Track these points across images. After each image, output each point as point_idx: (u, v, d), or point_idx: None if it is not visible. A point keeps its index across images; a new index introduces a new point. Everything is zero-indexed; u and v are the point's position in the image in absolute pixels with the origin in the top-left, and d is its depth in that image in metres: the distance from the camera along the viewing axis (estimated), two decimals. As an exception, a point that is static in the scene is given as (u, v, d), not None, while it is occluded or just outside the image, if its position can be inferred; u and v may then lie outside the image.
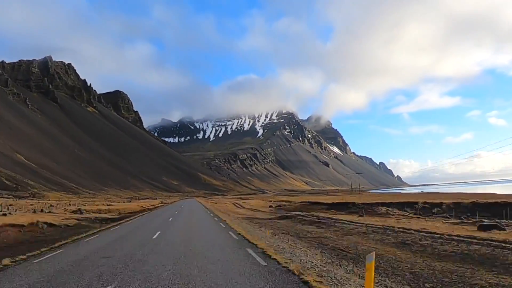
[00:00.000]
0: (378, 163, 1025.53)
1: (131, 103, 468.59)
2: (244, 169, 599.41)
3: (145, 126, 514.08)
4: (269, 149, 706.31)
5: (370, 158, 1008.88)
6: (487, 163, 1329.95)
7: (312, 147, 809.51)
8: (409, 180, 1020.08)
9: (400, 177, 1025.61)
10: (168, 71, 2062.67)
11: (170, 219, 36.94)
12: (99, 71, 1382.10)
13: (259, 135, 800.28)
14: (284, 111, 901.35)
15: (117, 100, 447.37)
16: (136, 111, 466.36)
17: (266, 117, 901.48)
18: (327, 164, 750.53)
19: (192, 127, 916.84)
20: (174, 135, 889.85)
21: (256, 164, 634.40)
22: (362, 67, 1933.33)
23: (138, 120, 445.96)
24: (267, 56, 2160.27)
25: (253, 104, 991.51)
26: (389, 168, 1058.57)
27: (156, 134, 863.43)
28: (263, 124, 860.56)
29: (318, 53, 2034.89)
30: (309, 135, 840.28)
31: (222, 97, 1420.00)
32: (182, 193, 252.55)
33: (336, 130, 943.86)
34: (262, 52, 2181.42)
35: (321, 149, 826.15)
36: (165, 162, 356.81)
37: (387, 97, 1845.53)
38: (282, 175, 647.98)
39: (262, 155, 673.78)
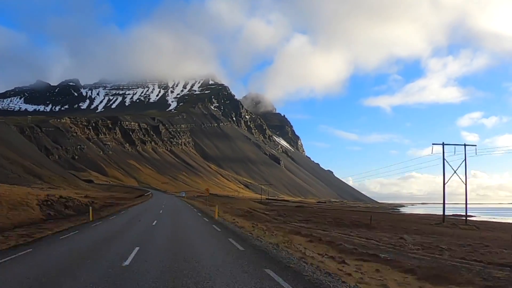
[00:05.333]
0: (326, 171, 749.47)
1: None
2: (127, 145, 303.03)
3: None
4: (183, 125, 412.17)
5: (317, 164, 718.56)
6: (416, 185, 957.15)
7: (252, 134, 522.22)
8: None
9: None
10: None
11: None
12: None
13: (170, 108, 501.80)
14: (211, 82, 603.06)
15: None
16: None
17: (185, 87, 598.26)
18: (277, 161, 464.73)
19: (76, 94, 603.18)
20: (48, 102, 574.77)
21: (155, 142, 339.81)
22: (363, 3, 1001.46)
23: None
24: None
25: (168, 65, 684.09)
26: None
27: (22, 99, 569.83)
28: (178, 96, 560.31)
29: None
30: (247, 116, 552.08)
31: (126, 51, 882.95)
32: None
33: (284, 116, 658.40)
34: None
35: (265, 138, 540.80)
36: None
37: (380, 71, 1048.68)
38: (204, 167, 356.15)
39: (170, 132, 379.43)
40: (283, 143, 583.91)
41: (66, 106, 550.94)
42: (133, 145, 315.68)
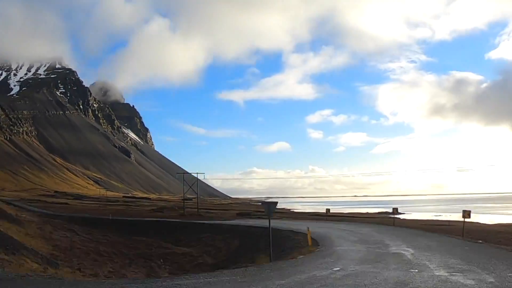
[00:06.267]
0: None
1: None
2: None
3: None
4: (25, 112, 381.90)
5: (167, 158, 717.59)
6: (257, 179, 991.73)
7: (100, 124, 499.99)
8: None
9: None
10: None
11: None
12: None
13: (12, 92, 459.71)
14: (59, 66, 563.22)
15: None
16: None
17: (29, 70, 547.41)
18: (127, 154, 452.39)
19: None
20: None
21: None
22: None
23: None
24: None
25: (13, 43, 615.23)
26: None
27: None
28: (22, 79, 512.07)
29: None
30: (95, 105, 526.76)
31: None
32: None
33: (133, 107, 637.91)
34: None
35: (114, 129, 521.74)
36: None
37: (239, 63, 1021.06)
38: (48, 161, 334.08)
39: (11, 119, 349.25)
40: (132, 135, 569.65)
41: None
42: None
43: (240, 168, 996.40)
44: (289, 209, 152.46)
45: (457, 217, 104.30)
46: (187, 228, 43.22)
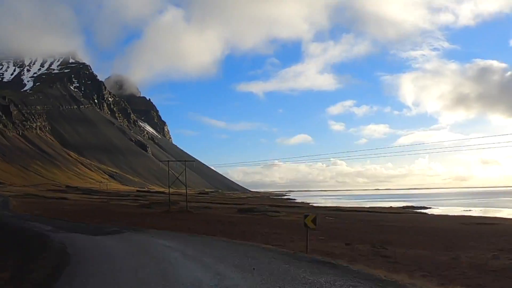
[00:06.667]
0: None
1: None
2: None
3: None
4: (38, 107, 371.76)
5: (185, 151, 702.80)
6: (278, 173, 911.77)
7: (116, 118, 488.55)
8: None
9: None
10: None
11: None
12: None
13: (26, 88, 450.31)
14: (72, 60, 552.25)
15: None
16: None
17: (43, 66, 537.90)
18: (144, 148, 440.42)
19: None
20: None
21: (4, 125, 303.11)
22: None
23: None
24: None
25: (26, 39, 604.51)
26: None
27: None
28: (36, 75, 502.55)
29: None
30: (110, 99, 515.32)
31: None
32: None
33: (150, 100, 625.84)
34: None
35: (130, 123, 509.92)
36: None
37: (258, 53, 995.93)
38: (62, 155, 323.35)
39: (23, 114, 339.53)
40: (149, 129, 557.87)
41: None
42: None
43: (262, 161, 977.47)
44: (309, 203, 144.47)
45: (486, 212, 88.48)
46: (35, 247, 17.47)
